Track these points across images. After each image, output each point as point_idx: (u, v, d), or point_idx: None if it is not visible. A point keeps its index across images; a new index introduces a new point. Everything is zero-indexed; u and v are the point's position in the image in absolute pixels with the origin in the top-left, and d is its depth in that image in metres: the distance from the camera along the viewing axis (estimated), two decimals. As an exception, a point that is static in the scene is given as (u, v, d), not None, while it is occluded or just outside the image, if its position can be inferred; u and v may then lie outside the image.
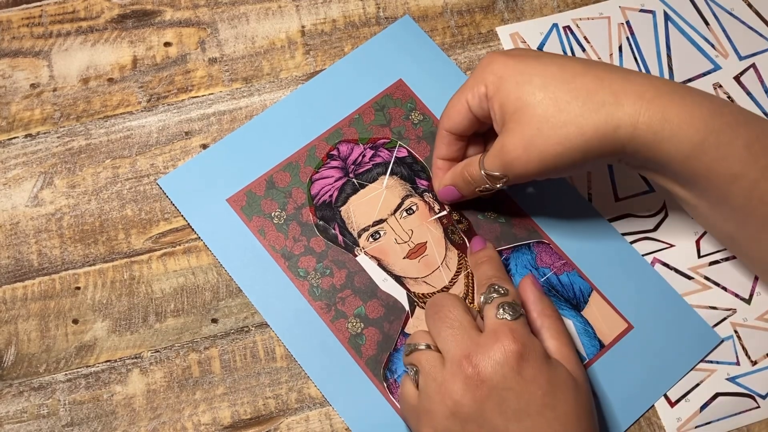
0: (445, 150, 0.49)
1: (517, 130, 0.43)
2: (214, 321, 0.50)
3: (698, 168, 0.42)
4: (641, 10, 0.58)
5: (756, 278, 0.52)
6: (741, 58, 0.57)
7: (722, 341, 0.50)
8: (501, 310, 0.42)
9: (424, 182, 0.53)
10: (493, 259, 0.48)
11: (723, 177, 0.42)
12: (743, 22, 0.58)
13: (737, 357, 0.50)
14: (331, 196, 0.52)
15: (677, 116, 0.41)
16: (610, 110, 0.41)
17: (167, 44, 0.56)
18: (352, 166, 0.53)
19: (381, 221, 0.52)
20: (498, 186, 0.46)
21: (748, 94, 0.56)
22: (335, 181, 0.53)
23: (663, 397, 0.49)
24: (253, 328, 0.50)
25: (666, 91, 0.42)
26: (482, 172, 0.46)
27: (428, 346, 0.43)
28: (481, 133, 0.50)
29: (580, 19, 0.58)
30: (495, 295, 0.44)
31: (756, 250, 0.46)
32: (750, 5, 0.59)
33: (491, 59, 0.45)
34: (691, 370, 0.49)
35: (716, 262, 0.52)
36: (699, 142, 0.41)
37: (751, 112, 0.44)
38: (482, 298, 0.44)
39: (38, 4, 0.57)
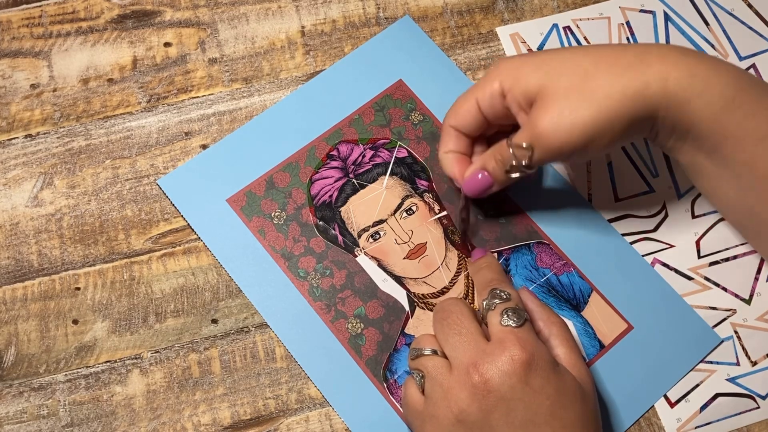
0: (452, 144, 0.48)
1: (545, 105, 0.43)
2: (214, 321, 0.50)
3: (728, 126, 0.41)
4: (641, 11, 0.58)
5: (756, 278, 0.52)
6: (741, 58, 0.57)
7: (722, 341, 0.50)
8: (505, 317, 0.42)
9: (424, 182, 0.53)
10: (492, 264, 0.48)
11: (752, 137, 0.41)
12: (743, 23, 0.58)
13: (737, 357, 0.50)
14: (330, 196, 0.52)
15: (705, 72, 0.41)
16: (637, 71, 0.41)
17: (167, 44, 0.56)
18: (352, 167, 0.53)
19: (381, 221, 0.52)
20: (524, 162, 0.44)
21: (748, 94, 0.56)
22: (335, 181, 0.53)
23: (663, 398, 0.49)
24: (253, 329, 0.50)
25: (690, 52, 0.42)
26: (510, 148, 0.45)
27: (434, 351, 0.43)
28: (486, 136, 0.50)
29: (580, 19, 0.58)
30: (497, 300, 0.43)
31: None
32: (750, 5, 0.59)
33: (502, 61, 0.45)
34: (691, 370, 0.49)
35: (716, 262, 0.52)
36: (730, 98, 0.41)
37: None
38: (484, 304, 0.43)
39: (38, 4, 0.57)
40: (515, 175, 0.46)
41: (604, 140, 0.43)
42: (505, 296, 0.43)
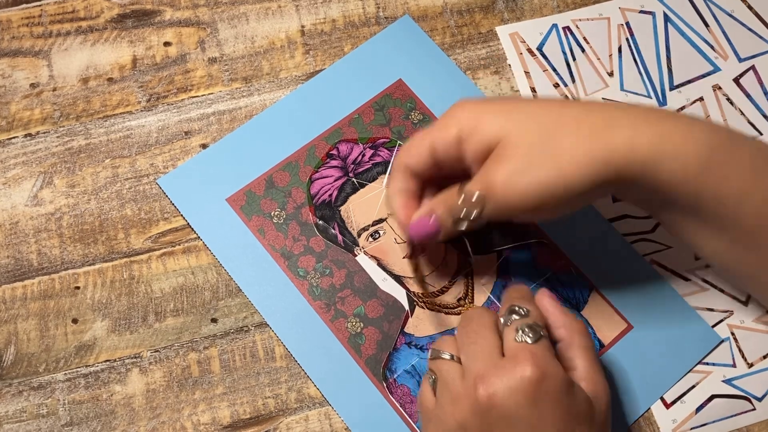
0: (402, 183, 0.45)
1: (503, 158, 0.40)
2: (214, 321, 0.50)
3: (706, 188, 0.39)
4: (641, 12, 0.59)
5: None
6: (741, 59, 0.57)
7: (722, 341, 0.50)
8: (520, 333, 0.40)
9: (424, 182, 0.53)
10: (518, 287, 0.45)
11: (732, 196, 0.39)
12: (743, 24, 0.58)
13: (733, 359, 0.50)
14: (330, 195, 0.52)
15: (676, 133, 0.39)
16: (603, 135, 0.39)
17: (167, 44, 0.56)
18: (352, 166, 0.53)
19: (381, 221, 0.52)
20: (474, 214, 0.42)
21: (748, 96, 0.56)
22: (335, 180, 0.53)
23: (659, 399, 0.49)
24: (252, 328, 0.50)
25: (658, 113, 0.40)
26: (460, 197, 0.42)
27: (451, 356, 0.42)
28: (440, 178, 0.46)
29: (580, 19, 0.58)
30: (515, 316, 0.41)
31: (763, 277, 0.44)
32: (750, 7, 0.59)
33: (463, 104, 0.42)
34: (691, 370, 0.49)
35: (715, 262, 0.52)
36: (705, 159, 0.39)
37: (740, 130, 0.42)
38: (502, 320, 0.42)
39: (38, 3, 0.57)
40: (463, 226, 0.43)
41: (560, 203, 0.41)
42: (523, 312, 0.42)
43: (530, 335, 0.40)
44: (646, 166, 0.39)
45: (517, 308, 0.42)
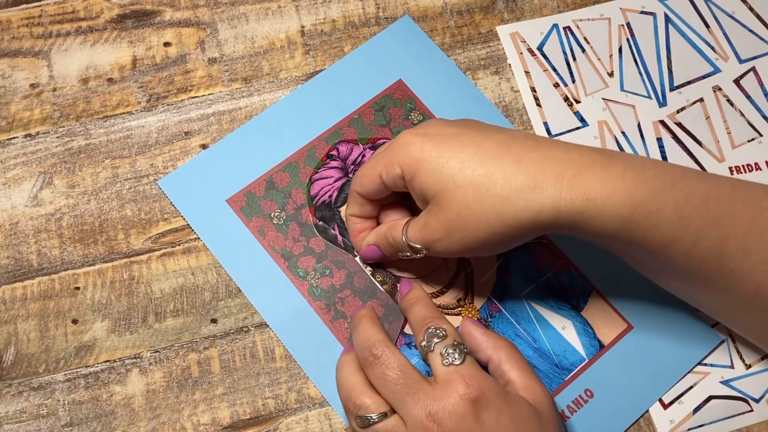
0: (358, 209, 0.48)
1: (438, 213, 0.43)
2: (214, 321, 0.50)
3: (632, 239, 0.41)
4: (642, 12, 0.59)
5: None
6: (741, 61, 0.57)
7: (722, 342, 0.50)
8: (446, 356, 0.41)
9: (424, 183, 0.53)
10: (422, 299, 0.47)
11: (658, 243, 0.41)
12: (744, 26, 0.58)
13: (731, 360, 0.50)
14: (330, 196, 0.52)
15: (600, 194, 0.40)
16: (529, 196, 0.40)
17: (167, 44, 0.56)
18: (352, 167, 0.53)
19: (381, 222, 0.52)
20: (419, 256, 0.46)
21: (748, 97, 0.56)
22: (335, 181, 0.53)
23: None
24: (252, 329, 0.50)
25: (587, 165, 0.41)
26: (404, 240, 0.45)
27: (383, 414, 0.41)
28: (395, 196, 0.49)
29: (581, 20, 0.58)
30: (435, 339, 0.42)
31: (707, 305, 0.46)
32: (751, 8, 0.59)
33: (407, 140, 0.44)
34: (691, 370, 0.49)
35: (715, 263, 0.52)
36: (627, 218, 0.40)
37: (678, 167, 0.42)
38: (423, 345, 0.43)
39: (38, 4, 0.57)
40: (406, 258, 0.47)
41: (495, 251, 0.44)
42: (441, 333, 0.43)
43: (456, 356, 0.41)
44: (572, 224, 0.41)
45: (433, 330, 0.43)
